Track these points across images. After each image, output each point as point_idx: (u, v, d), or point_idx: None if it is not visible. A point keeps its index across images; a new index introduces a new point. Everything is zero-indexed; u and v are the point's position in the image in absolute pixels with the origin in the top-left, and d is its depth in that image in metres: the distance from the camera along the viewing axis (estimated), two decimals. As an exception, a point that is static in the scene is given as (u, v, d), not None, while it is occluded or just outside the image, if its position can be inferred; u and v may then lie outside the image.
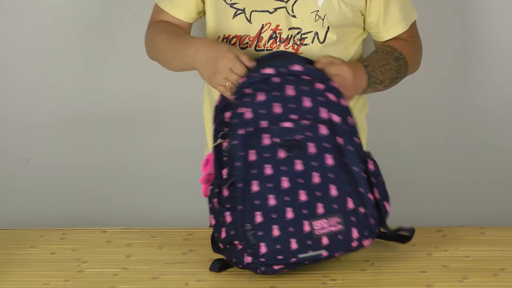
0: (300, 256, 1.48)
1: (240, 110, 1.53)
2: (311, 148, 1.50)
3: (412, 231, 1.64)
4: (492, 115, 2.39)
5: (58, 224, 2.20)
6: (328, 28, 1.71)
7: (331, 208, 1.49)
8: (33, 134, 2.39)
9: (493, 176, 2.46)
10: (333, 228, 1.48)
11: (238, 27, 1.73)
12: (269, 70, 1.56)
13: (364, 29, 1.79)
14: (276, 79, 1.55)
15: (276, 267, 1.49)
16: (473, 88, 2.37)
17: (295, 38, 1.71)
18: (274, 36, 1.71)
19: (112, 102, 2.38)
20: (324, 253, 1.48)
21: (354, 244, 1.50)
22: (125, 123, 2.39)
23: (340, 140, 1.52)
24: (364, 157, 1.56)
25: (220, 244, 1.54)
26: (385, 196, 1.56)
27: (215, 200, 1.53)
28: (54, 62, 2.34)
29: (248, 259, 1.48)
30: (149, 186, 2.46)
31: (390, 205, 1.56)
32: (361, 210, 1.50)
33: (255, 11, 1.71)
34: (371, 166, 1.56)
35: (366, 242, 1.51)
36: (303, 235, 1.48)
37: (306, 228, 1.48)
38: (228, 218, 1.51)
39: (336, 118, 1.52)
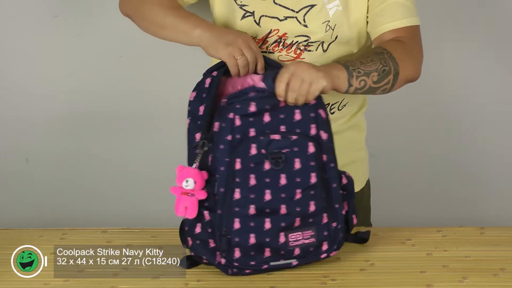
0: (272, 263, 1.53)
1: (230, 115, 1.51)
2: (297, 164, 1.52)
3: (368, 233, 1.66)
4: (493, 115, 2.39)
5: (58, 224, 2.20)
6: (336, 38, 1.71)
7: (307, 222, 1.53)
8: (33, 134, 2.39)
9: (493, 176, 2.46)
10: (306, 241, 1.53)
11: (245, 28, 1.73)
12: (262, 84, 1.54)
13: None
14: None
15: (247, 271, 1.53)
16: (474, 88, 2.37)
17: (300, 44, 1.71)
18: (278, 40, 1.72)
19: (111, 102, 2.38)
20: (294, 262, 1.54)
21: (323, 256, 1.55)
22: (125, 123, 2.39)
23: (324, 157, 1.54)
24: (339, 173, 1.58)
25: (189, 239, 1.55)
26: (353, 209, 1.59)
27: None
28: (54, 62, 2.34)
29: (221, 260, 1.52)
30: (149, 186, 2.46)
31: (357, 217, 1.61)
32: (333, 224, 1.55)
33: (265, 16, 1.71)
34: (344, 180, 1.58)
35: (333, 253, 1.56)
36: (277, 246, 1.52)
37: (282, 239, 1.52)
38: (207, 216, 1.54)
39: (324, 135, 1.53)
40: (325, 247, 1.55)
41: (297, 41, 1.72)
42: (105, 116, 2.38)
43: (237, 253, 1.51)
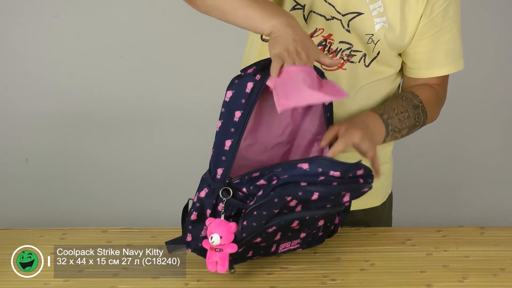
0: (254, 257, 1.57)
1: (288, 198, 1.41)
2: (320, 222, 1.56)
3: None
4: (493, 116, 2.40)
5: (58, 224, 2.20)
6: (378, 54, 1.67)
7: (297, 235, 1.56)
8: (33, 134, 2.40)
9: (493, 176, 2.46)
10: (292, 247, 1.57)
11: None
12: (336, 173, 1.43)
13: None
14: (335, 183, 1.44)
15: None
16: (474, 88, 2.37)
17: (343, 53, 1.66)
18: (323, 43, 1.66)
19: (111, 103, 2.39)
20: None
21: (299, 250, 1.60)
22: (125, 124, 2.40)
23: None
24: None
25: (189, 234, 1.53)
26: (341, 221, 1.62)
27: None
28: (53, 62, 2.35)
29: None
30: (149, 186, 2.46)
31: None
32: (319, 234, 1.59)
33: (314, 12, 1.64)
34: (346, 198, 1.52)
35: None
36: (268, 253, 1.56)
37: (273, 248, 1.56)
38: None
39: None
40: (303, 247, 1.59)
41: (341, 49, 1.66)
42: (105, 116, 2.39)
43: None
